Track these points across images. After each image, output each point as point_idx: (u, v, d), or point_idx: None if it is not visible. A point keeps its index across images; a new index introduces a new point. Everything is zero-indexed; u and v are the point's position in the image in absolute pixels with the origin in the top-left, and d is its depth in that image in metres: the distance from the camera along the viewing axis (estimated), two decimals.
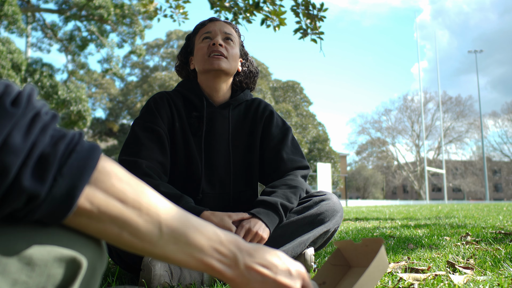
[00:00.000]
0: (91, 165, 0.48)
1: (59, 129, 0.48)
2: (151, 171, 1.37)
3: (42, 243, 0.48)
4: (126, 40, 21.04)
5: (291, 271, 0.60)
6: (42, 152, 0.45)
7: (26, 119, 0.45)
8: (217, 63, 1.50)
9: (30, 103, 0.46)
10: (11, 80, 14.89)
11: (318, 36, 4.37)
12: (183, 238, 0.53)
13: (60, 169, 0.46)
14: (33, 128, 0.45)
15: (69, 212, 0.47)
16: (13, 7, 15.18)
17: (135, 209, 0.51)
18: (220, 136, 1.55)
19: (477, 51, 34.36)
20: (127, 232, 0.51)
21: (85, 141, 0.49)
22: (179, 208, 0.56)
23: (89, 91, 32.54)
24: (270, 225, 1.31)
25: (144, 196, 0.52)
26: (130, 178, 0.53)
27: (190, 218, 0.56)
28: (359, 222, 4.50)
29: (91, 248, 0.52)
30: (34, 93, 0.48)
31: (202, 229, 0.56)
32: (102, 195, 0.49)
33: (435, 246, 2.05)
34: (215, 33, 1.54)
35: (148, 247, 0.52)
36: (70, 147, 0.48)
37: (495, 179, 54.57)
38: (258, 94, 27.14)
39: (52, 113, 0.48)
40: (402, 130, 48.82)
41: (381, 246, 0.71)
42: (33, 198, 0.45)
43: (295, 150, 1.60)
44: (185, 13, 4.69)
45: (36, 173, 0.45)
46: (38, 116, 0.46)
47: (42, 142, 0.45)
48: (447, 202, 25.67)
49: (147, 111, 1.51)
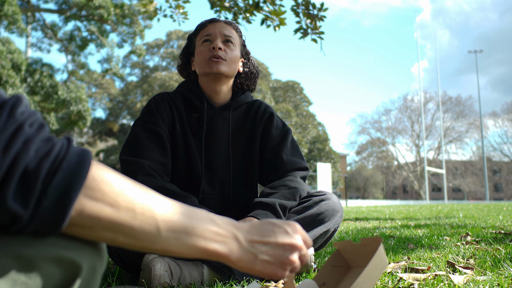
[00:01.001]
0: (79, 181, 0.46)
1: (46, 138, 0.46)
2: (153, 171, 1.38)
3: (41, 245, 0.48)
4: (126, 40, 21.05)
5: (287, 230, 0.63)
6: (25, 168, 0.44)
7: (6, 133, 0.43)
8: (216, 67, 1.50)
9: (12, 116, 0.44)
10: (11, 80, 14.88)
11: (318, 36, 4.37)
12: (182, 230, 0.53)
13: (44, 189, 0.44)
14: (13, 143, 0.43)
15: (59, 228, 0.47)
16: (13, 7, 15.19)
17: (128, 211, 0.50)
18: (220, 137, 1.55)
19: (477, 51, 34.37)
20: (123, 235, 0.51)
21: (73, 152, 0.48)
22: (173, 200, 0.56)
23: (89, 91, 32.55)
24: None
25: (138, 197, 0.52)
26: (123, 181, 0.52)
27: (185, 208, 0.56)
28: (359, 222, 4.50)
29: (90, 249, 0.52)
30: (20, 103, 0.46)
31: (198, 217, 0.56)
32: (93, 204, 0.48)
33: (435, 246, 2.05)
34: (215, 35, 1.54)
35: (148, 245, 0.52)
36: (55, 163, 0.46)
37: (495, 179, 54.58)
38: (258, 94, 27.15)
39: (38, 124, 0.47)
40: (402, 130, 48.89)
41: (380, 245, 0.71)
42: (17, 219, 0.44)
43: (294, 152, 1.60)
44: (185, 13, 4.69)
45: (19, 193, 0.43)
46: (20, 130, 0.44)
47: (24, 158, 0.43)
48: (447, 202, 25.68)
49: (148, 112, 1.51)
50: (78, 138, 35.13)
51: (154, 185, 1.34)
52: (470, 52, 34.86)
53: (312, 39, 4.39)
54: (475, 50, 34.40)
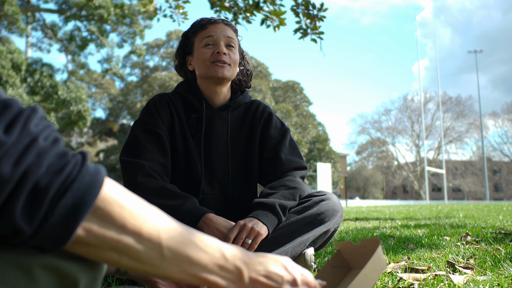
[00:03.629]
0: (88, 203, 0.46)
1: (61, 154, 0.46)
2: (154, 172, 1.39)
3: (41, 253, 0.47)
4: (126, 40, 21.06)
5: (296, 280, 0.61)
6: (36, 184, 0.43)
7: (19, 146, 0.42)
8: (221, 72, 1.50)
9: (26, 129, 0.43)
10: (11, 80, 14.88)
11: (318, 36, 4.37)
12: (186, 259, 0.53)
13: (52, 208, 0.44)
14: (25, 156, 0.42)
15: (61, 247, 0.46)
16: (13, 7, 15.19)
17: (135, 235, 0.50)
18: (219, 137, 1.56)
19: (477, 51, 34.36)
20: (127, 257, 0.50)
21: (86, 171, 0.47)
22: (182, 225, 0.56)
23: (89, 91, 32.56)
24: (269, 225, 1.31)
25: (146, 220, 0.51)
26: (133, 202, 0.51)
27: (194, 236, 0.55)
28: (359, 222, 4.50)
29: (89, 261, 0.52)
30: (35, 115, 0.45)
31: (205, 247, 0.55)
32: (100, 224, 0.48)
33: (435, 246, 2.05)
34: (218, 38, 1.52)
35: (150, 269, 0.52)
36: (66, 183, 0.45)
37: (495, 179, 54.59)
38: (258, 94, 27.15)
39: (53, 138, 0.46)
40: (402, 130, 48.88)
41: (378, 246, 0.71)
42: (20, 233, 0.43)
43: (293, 151, 1.60)
44: (185, 13, 4.69)
45: (27, 208, 0.43)
46: (34, 143, 0.43)
47: (35, 173, 0.43)
48: (447, 202, 25.67)
49: (147, 113, 1.51)
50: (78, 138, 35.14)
51: (155, 186, 1.34)
52: (470, 52, 34.87)
53: (312, 39, 4.39)
54: (475, 50, 34.40)
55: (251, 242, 1.25)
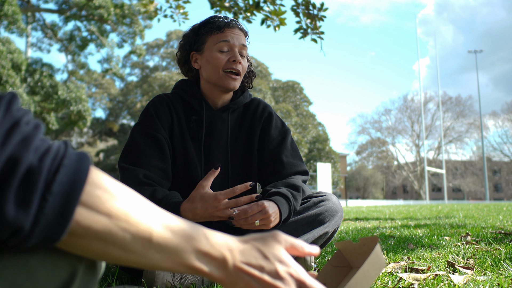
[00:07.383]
0: (82, 179, 0.45)
1: (42, 139, 0.45)
2: (148, 179, 1.36)
3: (38, 248, 0.47)
4: (126, 40, 21.05)
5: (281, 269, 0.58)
6: (29, 168, 0.41)
7: (2, 129, 0.41)
8: (233, 84, 1.48)
9: (8, 112, 0.42)
10: (11, 80, 14.88)
11: (318, 36, 4.37)
12: (172, 247, 0.52)
13: (49, 186, 0.42)
14: (9, 139, 0.41)
15: (62, 235, 0.45)
16: (13, 7, 15.18)
17: (123, 222, 0.49)
18: (219, 139, 1.54)
19: (477, 51, 34.37)
20: (113, 246, 0.49)
21: (72, 152, 0.46)
22: (168, 212, 0.55)
23: (89, 91, 32.55)
24: (283, 216, 1.31)
25: (134, 207, 0.51)
26: (120, 189, 0.50)
27: (182, 225, 0.55)
28: (359, 222, 4.50)
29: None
30: (15, 100, 0.44)
31: (192, 234, 0.55)
32: (89, 211, 0.46)
33: (435, 246, 2.06)
34: (234, 45, 1.49)
35: (134, 258, 0.51)
36: (56, 160, 0.44)
37: (495, 179, 54.59)
38: (258, 94, 27.11)
39: (34, 123, 0.45)
40: (402, 130, 48.90)
41: (376, 244, 0.71)
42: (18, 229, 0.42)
43: (294, 154, 1.59)
44: (185, 13, 4.69)
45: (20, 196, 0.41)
46: (16, 126, 0.42)
47: (26, 158, 0.41)
48: (447, 202, 25.67)
49: (147, 116, 1.49)
50: (78, 138, 35.12)
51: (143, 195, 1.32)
52: (470, 52, 34.87)
53: (312, 39, 4.39)
54: (475, 50, 34.42)
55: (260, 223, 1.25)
